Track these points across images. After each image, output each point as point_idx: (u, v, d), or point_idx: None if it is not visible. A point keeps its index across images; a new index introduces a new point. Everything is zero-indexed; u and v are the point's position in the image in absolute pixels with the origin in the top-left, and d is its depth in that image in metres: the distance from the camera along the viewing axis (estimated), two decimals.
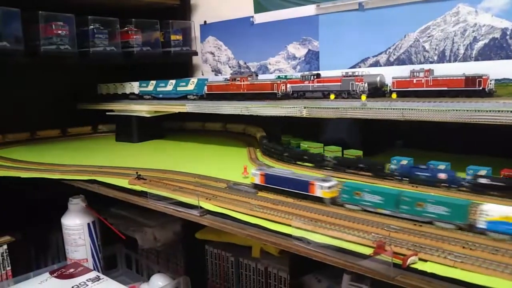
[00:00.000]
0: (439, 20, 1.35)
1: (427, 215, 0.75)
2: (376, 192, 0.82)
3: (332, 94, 1.28)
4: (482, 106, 0.95)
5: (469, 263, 0.60)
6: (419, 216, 0.76)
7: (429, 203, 0.75)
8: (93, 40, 1.69)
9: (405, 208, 0.77)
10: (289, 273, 1.26)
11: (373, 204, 0.82)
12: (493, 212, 0.68)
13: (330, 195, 0.88)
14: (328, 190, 0.88)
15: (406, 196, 0.78)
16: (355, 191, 0.84)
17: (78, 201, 1.46)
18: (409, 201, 0.77)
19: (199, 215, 0.91)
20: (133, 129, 1.82)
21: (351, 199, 0.85)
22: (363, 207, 0.83)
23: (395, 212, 0.79)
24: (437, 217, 0.74)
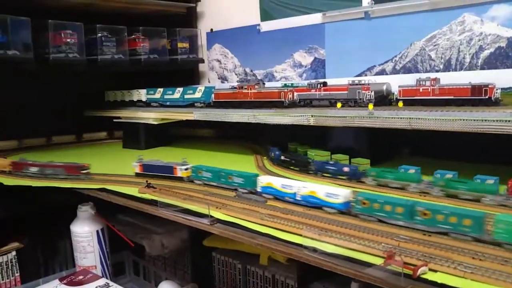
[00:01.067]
0: (445, 29, 1.36)
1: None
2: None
3: (339, 102, 1.29)
4: (489, 116, 0.95)
5: (479, 274, 0.61)
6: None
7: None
8: (101, 48, 1.71)
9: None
10: (297, 281, 1.27)
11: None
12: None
13: (186, 175, 1.22)
14: (185, 171, 1.22)
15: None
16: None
17: (87, 208, 1.47)
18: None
19: (210, 224, 0.92)
20: (140, 136, 1.84)
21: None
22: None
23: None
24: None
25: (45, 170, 1.32)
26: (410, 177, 1.05)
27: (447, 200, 0.95)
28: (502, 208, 0.89)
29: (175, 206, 1.01)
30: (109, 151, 1.83)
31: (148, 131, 1.83)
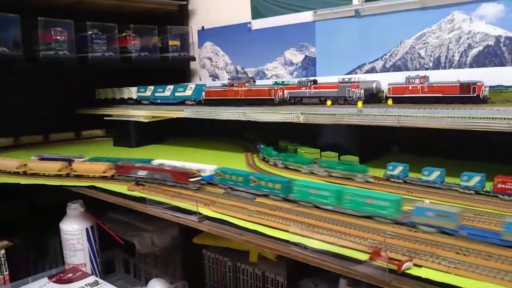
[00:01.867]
0: (434, 27, 1.37)
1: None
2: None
3: (329, 100, 1.29)
4: (476, 113, 0.96)
5: (463, 269, 0.62)
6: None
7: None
8: (92, 46, 1.70)
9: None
10: (286, 277, 1.27)
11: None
12: None
13: None
14: (81, 161, 1.35)
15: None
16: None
17: (76, 206, 1.47)
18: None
19: (198, 221, 0.93)
20: (131, 134, 1.83)
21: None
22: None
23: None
24: None
25: (154, 174, 1.17)
26: (303, 160, 1.24)
27: (327, 178, 1.15)
28: (366, 184, 1.07)
29: (164, 204, 1.01)
30: (99, 149, 1.82)
31: (139, 129, 1.82)
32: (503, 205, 0.88)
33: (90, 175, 1.28)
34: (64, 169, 1.32)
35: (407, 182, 1.05)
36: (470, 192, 0.96)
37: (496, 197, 0.92)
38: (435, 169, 1.01)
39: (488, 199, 0.92)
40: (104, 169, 1.26)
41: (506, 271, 0.60)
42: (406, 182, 1.05)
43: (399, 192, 0.99)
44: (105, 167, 1.26)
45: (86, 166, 1.30)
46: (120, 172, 1.24)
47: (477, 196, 0.94)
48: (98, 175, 1.26)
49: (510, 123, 0.90)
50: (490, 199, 0.91)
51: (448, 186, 0.99)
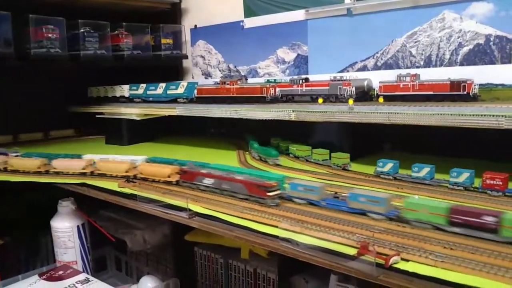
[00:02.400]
0: (425, 26, 1.38)
1: None
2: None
3: (320, 98, 1.30)
4: (465, 111, 0.97)
5: (449, 262, 0.62)
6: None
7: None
8: (84, 44, 1.69)
9: None
10: (278, 274, 1.27)
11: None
12: None
13: None
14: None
15: None
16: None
17: (67, 203, 1.46)
18: None
19: (188, 217, 0.93)
20: (123, 131, 1.82)
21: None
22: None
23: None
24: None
25: (222, 184, 1.01)
26: (271, 153, 1.31)
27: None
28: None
29: (154, 200, 1.01)
30: (91, 147, 1.81)
31: (131, 127, 1.82)
32: (491, 201, 0.89)
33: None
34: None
35: (397, 178, 1.06)
36: (459, 188, 0.96)
37: (484, 193, 0.93)
38: (425, 166, 1.02)
39: (477, 195, 0.93)
40: (169, 172, 1.14)
41: (492, 264, 0.61)
42: (396, 179, 1.06)
43: (389, 188, 1.00)
44: (170, 171, 1.14)
45: (152, 168, 1.19)
46: (185, 178, 1.10)
47: (466, 192, 0.95)
48: (163, 179, 1.15)
49: (498, 120, 0.91)
50: (479, 195, 0.92)
51: (438, 183, 1.00)
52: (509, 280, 0.57)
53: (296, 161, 1.33)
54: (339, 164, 1.19)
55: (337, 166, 1.19)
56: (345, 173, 1.15)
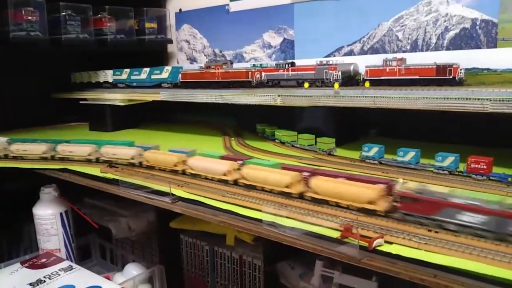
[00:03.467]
0: (412, 9, 1.37)
1: None
2: None
3: (306, 82, 1.28)
4: (451, 94, 0.96)
5: (433, 245, 0.62)
6: None
7: None
8: (65, 27, 1.65)
9: None
10: (263, 260, 1.27)
11: None
12: None
13: None
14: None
15: None
16: None
17: (50, 190, 1.44)
18: None
19: (171, 202, 0.91)
20: (107, 118, 1.80)
21: None
22: None
23: None
24: None
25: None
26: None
27: None
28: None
29: (136, 185, 0.99)
30: (74, 134, 1.78)
31: (115, 113, 1.79)
32: (475, 185, 0.88)
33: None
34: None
35: (382, 163, 1.05)
36: (444, 172, 0.96)
37: (469, 177, 0.92)
38: (410, 150, 1.01)
39: (462, 179, 0.92)
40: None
41: (474, 246, 0.60)
42: (382, 163, 1.05)
43: (374, 173, 0.99)
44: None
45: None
46: (414, 209, 0.69)
47: (451, 176, 0.95)
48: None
49: (483, 104, 0.91)
50: (464, 179, 0.92)
51: (423, 167, 1.00)
52: (490, 260, 0.57)
53: (282, 146, 1.32)
54: (325, 149, 1.18)
55: (322, 151, 1.18)
56: (331, 158, 1.14)
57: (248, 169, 0.92)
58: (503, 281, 0.54)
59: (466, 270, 0.57)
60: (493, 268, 0.56)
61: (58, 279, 1.22)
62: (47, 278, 1.21)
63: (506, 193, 0.83)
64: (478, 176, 0.91)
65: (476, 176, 0.92)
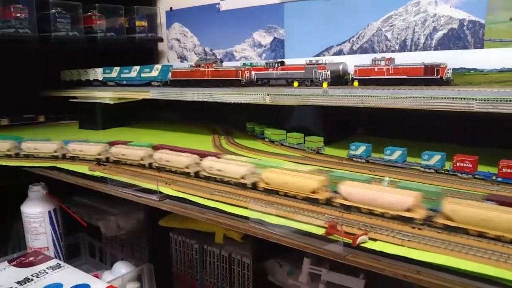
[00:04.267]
0: (401, 9, 1.38)
1: None
2: None
3: (296, 81, 1.29)
4: (437, 94, 0.97)
5: (416, 241, 0.63)
6: None
7: None
8: (55, 25, 1.64)
9: None
10: (252, 258, 1.27)
11: None
12: None
13: None
14: None
15: None
16: None
17: (38, 188, 1.43)
18: None
19: (158, 200, 0.91)
20: (97, 116, 1.79)
21: None
22: None
23: None
24: None
25: None
26: None
27: None
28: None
29: (124, 183, 0.99)
30: (63, 132, 1.77)
31: (105, 111, 1.78)
32: (461, 183, 0.89)
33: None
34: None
35: (369, 161, 1.06)
36: (430, 170, 0.97)
37: (455, 175, 0.93)
38: (397, 149, 1.02)
39: (448, 177, 0.93)
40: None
41: (456, 243, 0.61)
42: (369, 162, 1.06)
43: (361, 171, 1.00)
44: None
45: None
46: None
47: (437, 174, 0.96)
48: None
49: (469, 103, 0.92)
50: (449, 178, 0.93)
51: (409, 165, 1.01)
52: (472, 257, 0.58)
53: (271, 145, 1.33)
54: (313, 147, 1.19)
55: (311, 149, 1.19)
56: (319, 157, 1.15)
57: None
58: (485, 277, 0.55)
59: (449, 267, 0.57)
60: (475, 264, 0.57)
61: (46, 277, 1.21)
62: (35, 277, 1.21)
63: (491, 191, 0.84)
64: (464, 175, 0.92)
65: (461, 175, 0.93)
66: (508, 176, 0.87)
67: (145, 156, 1.11)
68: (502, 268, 0.55)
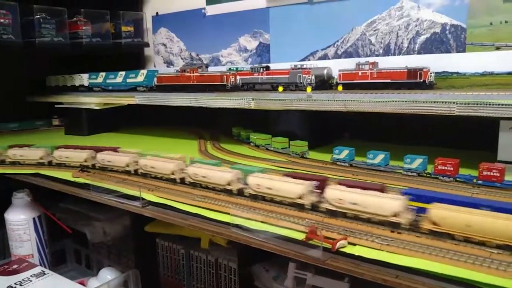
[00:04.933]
0: (384, 14, 1.39)
1: None
2: None
3: (281, 86, 1.29)
4: (419, 98, 0.98)
5: (395, 246, 0.63)
6: None
7: None
8: (40, 30, 1.63)
9: None
10: (238, 263, 1.27)
11: None
12: None
13: None
14: None
15: None
16: None
17: (22, 195, 1.42)
18: None
19: (141, 206, 0.91)
20: (83, 122, 1.78)
21: None
22: None
23: None
24: None
25: None
26: None
27: None
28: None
29: (108, 190, 0.99)
30: (49, 138, 1.76)
31: (91, 117, 1.77)
32: (442, 186, 0.90)
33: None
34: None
35: (352, 165, 1.06)
36: (412, 174, 0.98)
37: (436, 179, 0.94)
38: (379, 153, 1.03)
39: (430, 180, 0.94)
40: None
41: (434, 247, 0.62)
42: (352, 166, 1.06)
43: (345, 175, 1.00)
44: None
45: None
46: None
47: (419, 178, 0.96)
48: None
49: (450, 107, 0.93)
50: (431, 181, 0.94)
51: (392, 169, 1.01)
52: (449, 260, 0.58)
53: (256, 149, 1.33)
54: (298, 152, 1.19)
55: (295, 154, 1.19)
56: (303, 161, 1.15)
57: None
58: (462, 281, 0.55)
59: (427, 271, 0.58)
60: (453, 268, 0.57)
61: (29, 285, 1.20)
62: (18, 285, 1.20)
63: (471, 194, 0.85)
64: (445, 178, 0.93)
65: (443, 178, 0.93)
66: (488, 179, 0.88)
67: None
68: (477, 271, 0.56)
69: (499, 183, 0.86)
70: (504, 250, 0.59)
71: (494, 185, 0.87)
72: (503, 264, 0.56)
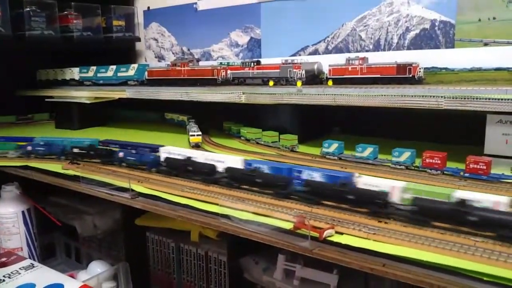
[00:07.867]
0: (374, 10, 1.40)
1: None
2: None
3: (271, 80, 1.30)
4: (408, 92, 0.99)
5: (381, 235, 0.64)
6: None
7: None
8: (29, 23, 1.62)
9: None
10: (227, 256, 1.28)
11: None
12: None
13: None
14: None
15: None
16: None
17: (11, 188, 1.41)
18: None
19: (131, 197, 0.91)
20: (73, 115, 1.77)
21: None
22: None
23: None
24: None
25: None
26: None
27: None
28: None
29: (97, 182, 0.99)
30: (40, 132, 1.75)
31: (82, 111, 1.76)
32: (430, 179, 0.91)
33: None
34: None
35: (342, 158, 1.07)
36: (401, 167, 0.99)
37: (424, 172, 0.95)
38: (368, 146, 1.04)
39: (417, 173, 0.95)
40: None
41: (420, 235, 0.63)
42: (341, 159, 1.07)
43: (334, 168, 1.01)
44: None
45: None
46: None
47: (407, 171, 0.97)
48: None
49: (438, 101, 0.94)
50: (419, 174, 0.95)
51: (381, 162, 1.02)
52: (435, 249, 0.59)
53: (247, 143, 1.34)
54: (287, 145, 1.20)
55: (285, 147, 1.20)
56: (293, 154, 1.16)
57: None
58: (449, 269, 0.56)
59: (413, 259, 0.59)
60: (439, 256, 0.58)
61: (18, 277, 1.20)
62: (7, 277, 1.19)
63: (458, 186, 0.86)
64: (433, 171, 0.94)
65: (431, 171, 0.95)
66: (475, 171, 0.89)
67: None
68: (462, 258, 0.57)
69: (485, 176, 0.88)
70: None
71: (480, 178, 0.88)
72: (486, 252, 0.57)
